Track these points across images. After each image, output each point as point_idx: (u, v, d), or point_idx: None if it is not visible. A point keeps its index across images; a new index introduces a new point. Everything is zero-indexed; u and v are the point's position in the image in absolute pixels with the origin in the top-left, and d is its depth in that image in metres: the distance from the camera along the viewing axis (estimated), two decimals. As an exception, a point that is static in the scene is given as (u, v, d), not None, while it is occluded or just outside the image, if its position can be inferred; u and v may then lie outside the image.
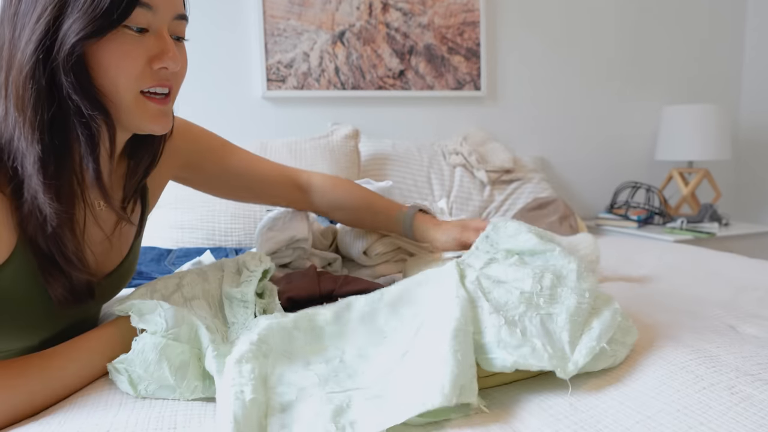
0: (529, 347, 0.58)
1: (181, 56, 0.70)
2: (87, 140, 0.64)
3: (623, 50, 2.52)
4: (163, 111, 0.69)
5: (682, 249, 1.62)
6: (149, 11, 0.64)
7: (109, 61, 0.63)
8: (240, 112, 1.99)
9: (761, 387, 0.57)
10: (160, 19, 0.66)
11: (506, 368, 0.58)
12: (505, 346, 0.58)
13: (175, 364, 0.61)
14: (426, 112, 2.23)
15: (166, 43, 0.66)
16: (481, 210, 1.96)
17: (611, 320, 0.64)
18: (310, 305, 0.79)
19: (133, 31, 0.64)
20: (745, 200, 2.79)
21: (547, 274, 0.66)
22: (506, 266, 0.69)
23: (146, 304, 0.65)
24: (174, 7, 0.67)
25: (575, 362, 0.58)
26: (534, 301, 0.62)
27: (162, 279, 0.77)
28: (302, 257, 0.98)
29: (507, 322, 0.60)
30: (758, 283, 1.17)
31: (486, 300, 0.63)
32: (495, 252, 0.73)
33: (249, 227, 1.60)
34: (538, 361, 0.57)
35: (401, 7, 2.12)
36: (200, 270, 0.81)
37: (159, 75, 0.67)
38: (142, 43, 0.65)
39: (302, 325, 0.66)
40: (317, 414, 0.52)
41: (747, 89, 2.76)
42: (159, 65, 0.66)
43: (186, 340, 0.63)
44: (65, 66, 0.61)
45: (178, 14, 0.68)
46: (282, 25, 1.98)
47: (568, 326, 0.60)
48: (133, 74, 0.64)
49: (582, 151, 2.50)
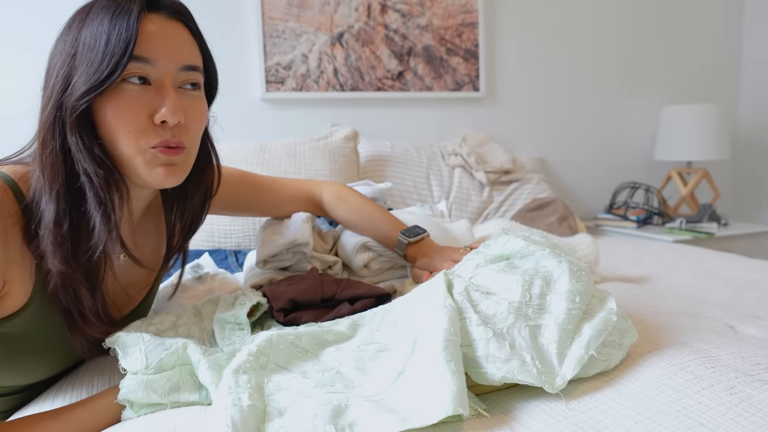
0: (518, 361, 0.57)
1: (190, 108, 0.67)
2: (94, 199, 0.63)
3: (622, 51, 2.52)
4: (168, 161, 0.65)
5: (681, 249, 1.62)
6: (148, 65, 0.62)
7: (112, 116, 0.62)
8: (239, 114, 1.99)
9: (760, 387, 0.57)
10: (161, 72, 0.64)
11: (495, 382, 0.58)
12: (493, 361, 0.58)
13: (164, 391, 0.61)
14: (425, 114, 2.23)
15: (165, 96, 0.63)
16: (480, 211, 1.96)
17: (603, 324, 0.63)
18: (312, 308, 0.79)
19: (135, 84, 0.62)
20: (744, 200, 2.79)
21: (536, 281, 0.65)
22: (495, 272, 0.68)
23: (130, 336, 0.65)
24: (177, 59, 0.65)
25: (563, 376, 0.58)
26: (523, 312, 0.62)
27: (159, 315, 0.77)
28: (302, 261, 0.98)
29: (495, 335, 0.59)
30: (757, 282, 1.18)
31: (474, 312, 0.62)
32: (484, 258, 0.72)
33: (248, 229, 1.60)
34: (526, 376, 0.57)
35: (400, 9, 2.12)
36: (196, 309, 0.80)
37: (163, 132, 0.64)
38: (144, 96, 0.63)
39: (303, 338, 0.66)
40: (316, 415, 0.51)
41: (746, 89, 2.76)
42: (158, 118, 0.63)
43: (173, 365, 0.63)
44: (71, 124, 0.61)
45: (184, 66, 0.66)
46: (281, 27, 1.98)
47: (557, 337, 0.60)
48: (135, 128, 0.63)
49: (581, 152, 2.51)
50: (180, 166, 0.67)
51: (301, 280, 0.84)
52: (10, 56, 1.72)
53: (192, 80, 0.68)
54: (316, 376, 0.59)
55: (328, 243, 1.09)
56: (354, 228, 1.02)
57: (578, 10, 2.42)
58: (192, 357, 0.63)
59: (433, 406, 0.52)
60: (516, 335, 0.59)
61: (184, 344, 0.64)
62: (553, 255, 0.69)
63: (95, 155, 0.62)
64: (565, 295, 0.64)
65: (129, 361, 0.63)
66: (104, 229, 0.63)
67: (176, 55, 0.65)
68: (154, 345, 0.63)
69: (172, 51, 0.64)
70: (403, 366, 0.60)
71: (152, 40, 0.63)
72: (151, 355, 0.62)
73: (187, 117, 0.66)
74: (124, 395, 0.60)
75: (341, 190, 1.04)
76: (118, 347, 0.65)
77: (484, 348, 0.59)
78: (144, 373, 0.61)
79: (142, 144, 0.63)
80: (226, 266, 1.43)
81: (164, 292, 0.97)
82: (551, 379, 0.58)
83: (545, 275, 0.67)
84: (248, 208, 0.99)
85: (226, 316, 0.74)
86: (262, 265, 0.97)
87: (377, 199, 1.35)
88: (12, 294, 0.63)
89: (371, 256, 1.00)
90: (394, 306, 0.70)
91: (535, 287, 0.65)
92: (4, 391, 0.73)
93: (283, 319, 0.77)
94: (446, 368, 0.54)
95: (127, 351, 0.64)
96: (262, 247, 0.96)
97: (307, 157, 1.76)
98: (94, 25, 0.61)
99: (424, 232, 0.94)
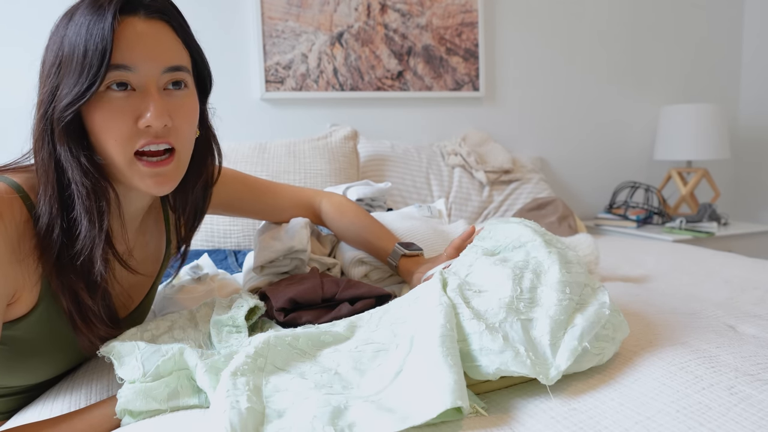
0: (512, 352, 0.57)
1: (177, 108, 0.66)
2: (81, 206, 0.63)
3: (622, 50, 2.52)
4: (156, 173, 0.65)
5: (681, 249, 1.62)
6: (129, 71, 0.62)
7: (99, 124, 0.62)
8: (238, 114, 1.99)
9: (761, 387, 0.57)
10: (143, 77, 0.63)
11: (490, 375, 0.57)
12: (487, 353, 0.58)
13: (163, 398, 0.60)
14: (424, 113, 2.23)
15: (150, 100, 0.63)
16: (480, 210, 1.96)
17: (596, 316, 0.63)
18: (312, 307, 0.79)
19: (117, 91, 0.62)
20: (744, 199, 2.79)
21: (527, 274, 0.65)
22: (488, 266, 0.68)
23: (125, 345, 0.65)
24: (159, 62, 0.64)
25: (557, 367, 0.58)
26: (514, 306, 0.62)
27: (154, 320, 0.77)
28: (300, 267, 0.97)
29: (488, 328, 0.59)
30: (757, 282, 1.17)
31: (467, 307, 0.62)
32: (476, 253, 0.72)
33: (248, 229, 1.60)
34: (520, 367, 0.56)
35: (399, 8, 2.12)
36: (191, 314, 0.80)
37: (148, 133, 0.63)
38: (129, 102, 0.62)
39: (301, 339, 0.66)
40: (315, 417, 0.51)
41: (745, 88, 2.76)
42: (143, 124, 0.63)
43: (170, 370, 0.62)
44: (59, 134, 0.61)
45: (167, 67, 0.64)
46: (280, 27, 1.98)
47: (549, 329, 0.60)
48: (121, 135, 0.62)
49: (581, 151, 2.51)
50: (170, 174, 0.67)
51: (301, 280, 0.84)
52: (11, 55, 1.72)
53: (178, 80, 0.66)
54: (315, 377, 0.59)
55: (326, 247, 1.09)
56: (349, 241, 1.02)
57: (578, 9, 2.42)
58: (189, 361, 0.62)
59: (431, 402, 0.51)
60: (508, 329, 0.59)
61: (181, 349, 0.63)
62: (543, 245, 0.69)
63: (81, 164, 0.62)
64: (555, 286, 0.64)
65: (125, 371, 0.62)
66: (89, 235, 0.63)
67: (158, 58, 0.63)
68: (150, 352, 0.63)
69: (153, 54, 0.63)
70: (401, 365, 0.60)
71: (130, 45, 0.61)
72: (148, 362, 0.62)
73: (174, 118, 0.65)
74: (123, 405, 0.59)
75: (341, 202, 1.04)
76: (113, 357, 0.64)
77: (477, 341, 0.59)
78: (141, 381, 0.61)
79: (129, 150, 0.63)
80: (225, 266, 1.43)
81: (163, 292, 0.97)
82: (545, 370, 0.57)
83: (535, 267, 0.67)
84: (246, 210, 0.99)
85: (223, 319, 0.73)
86: (259, 270, 0.97)
87: (377, 199, 1.35)
88: (21, 299, 0.64)
89: (367, 269, 1.01)
90: (392, 307, 0.70)
91: (525, 281, 0.65)
92: (5, 392, 0.73)
93: (283, 319, 0.77)
94: (443, 362, 0.54)
95: (122, 360, 0.63)
96: (259, 253, 0.95)
97: (307, 157, 1.76)
98: (75, 31, 0.61)
99: (420, 250, 0.95)
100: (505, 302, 0.62)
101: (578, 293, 0.66)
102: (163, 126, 0.63)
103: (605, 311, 0.64)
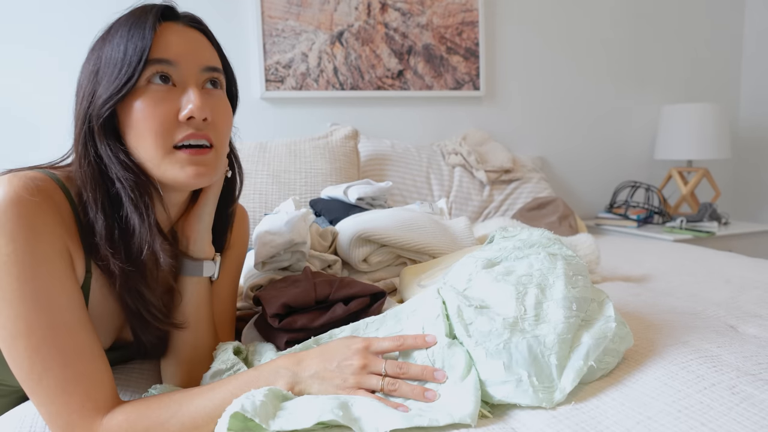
0: (514, 382, 0.58)
1: (216, 106, 0.68)
2: (129, 201, 0.64)
3: (622, 49, 2.52)
4: (197, 161, 0.65)
5: (681, 248, 1.62)
6: (170, 66, 0.64)
7: (138, 118, 0.63)
8: (238, 113, 1.97)
9: (762, 387, 0.57)
10: (184, 72, 0.65)
11: (496, 401, 0.59)
12: (491, 384, 0.59)
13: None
14: (425, 112, 2.23)
15: (189, 93, 0.64)
16: (480, 210, 1.96)
17: (602, 333, 0.63)
18: (306, 311, 0.79)
19: (159, 85, 0.63)
20: (745, 199, 2.79)
21: (531, 290, 0.65)
22: (489, 282, 0.67)
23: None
24: (198, 60, 0.66)
25: (562, 390, 0.58)
26: (519, 326, 0.61)
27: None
28: (301, 260, 0.97)
29: (488, 355, 0.59)
30: (758, 282, 1.17)
31: (468, 335, 0.61)
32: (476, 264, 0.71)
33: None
34: (522, 398, 0.57)
35: (400, 7, 2.12)
36: None
37: (189, 125, 0.65)
38: (169, 96, 0.64)
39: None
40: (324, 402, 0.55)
41: (746, 88, 2.76)
42: (184, 115, 0.64)
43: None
44: (99, 133, 0.63)
45: (205, 67, 0.67)
46: (280, 26, 1.98)
47: (557, 348, 0.59)
48: (162, 125, 0.63)
49: (581, 151, 2.50)
50: (210, 165, 0.67)
51: (293, 283, 0.84)
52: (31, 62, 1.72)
53: (215, 79, 0.69)
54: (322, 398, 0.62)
55: (327, 240, 1.08)
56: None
57: (578, 8, 2.42)
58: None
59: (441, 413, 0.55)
60: (513, 350, 0.59)
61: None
62: (547, 258, 0.68)
63: (122, 160, 0.64)
64: (561, 302, 0.63)
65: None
66: (142, 228, 0.64)
67: (198, 57, 0.66)
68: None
69: (194, 53, 0.66)
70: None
71: (171, 43, 0.64)
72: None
73: (213, 115, 0.66)
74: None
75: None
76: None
77: (483, 371, 0.59)
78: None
79: (169, 142, 0.64)
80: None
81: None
82: (549, 395, 0.58)
83: (540, 281, 0.66)
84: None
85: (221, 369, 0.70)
86: (260, 267, 0.97)
87: (378, 198, 1.35)
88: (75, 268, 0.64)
89: (369, 249, 0.99)
90: (387, 318, 0.71)
91: (529, 297, 0.64)
92: (6, 391, 0.73)
93: (278, 325, 0.76)
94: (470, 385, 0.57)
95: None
96: (260, 248, 0.95)
97: (307, 156, 1.76)
98: (113, 42, 0.63)
99: None
100: (509, 322, 0.61)
101: (584, 309, 0.65)
102: (203, 119, 0.65)
103: (611, 325, 0.64)
